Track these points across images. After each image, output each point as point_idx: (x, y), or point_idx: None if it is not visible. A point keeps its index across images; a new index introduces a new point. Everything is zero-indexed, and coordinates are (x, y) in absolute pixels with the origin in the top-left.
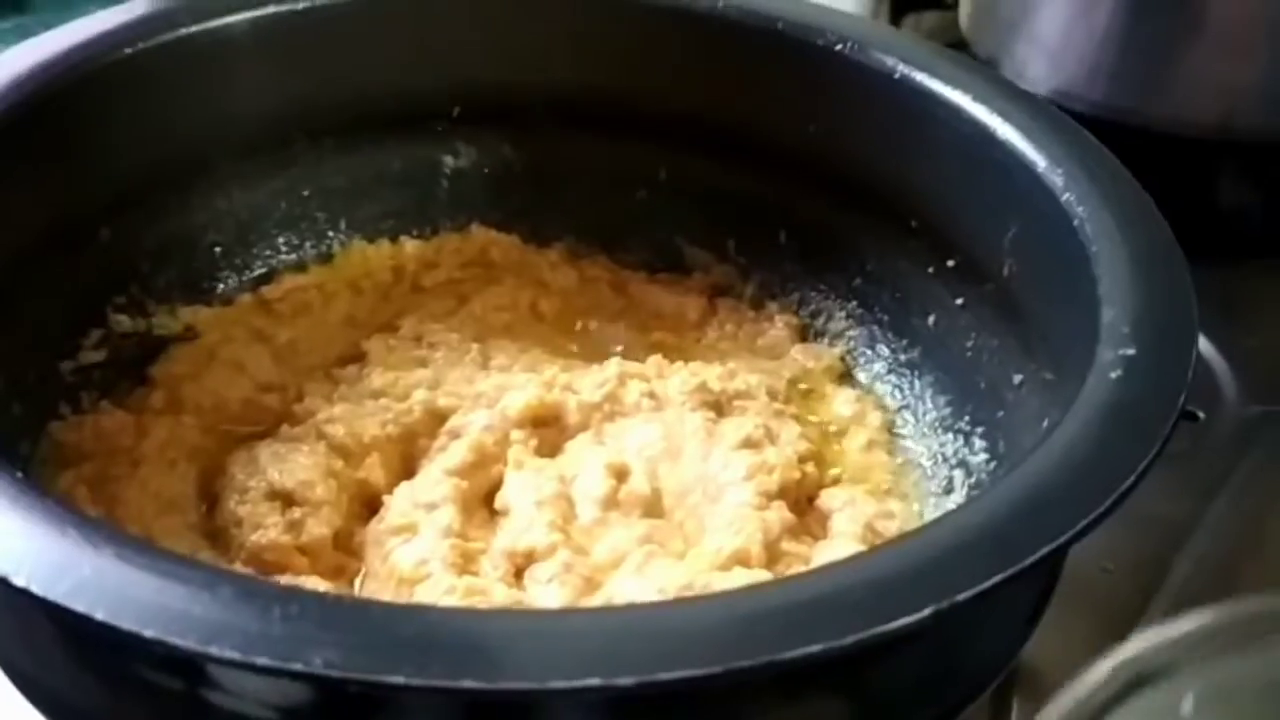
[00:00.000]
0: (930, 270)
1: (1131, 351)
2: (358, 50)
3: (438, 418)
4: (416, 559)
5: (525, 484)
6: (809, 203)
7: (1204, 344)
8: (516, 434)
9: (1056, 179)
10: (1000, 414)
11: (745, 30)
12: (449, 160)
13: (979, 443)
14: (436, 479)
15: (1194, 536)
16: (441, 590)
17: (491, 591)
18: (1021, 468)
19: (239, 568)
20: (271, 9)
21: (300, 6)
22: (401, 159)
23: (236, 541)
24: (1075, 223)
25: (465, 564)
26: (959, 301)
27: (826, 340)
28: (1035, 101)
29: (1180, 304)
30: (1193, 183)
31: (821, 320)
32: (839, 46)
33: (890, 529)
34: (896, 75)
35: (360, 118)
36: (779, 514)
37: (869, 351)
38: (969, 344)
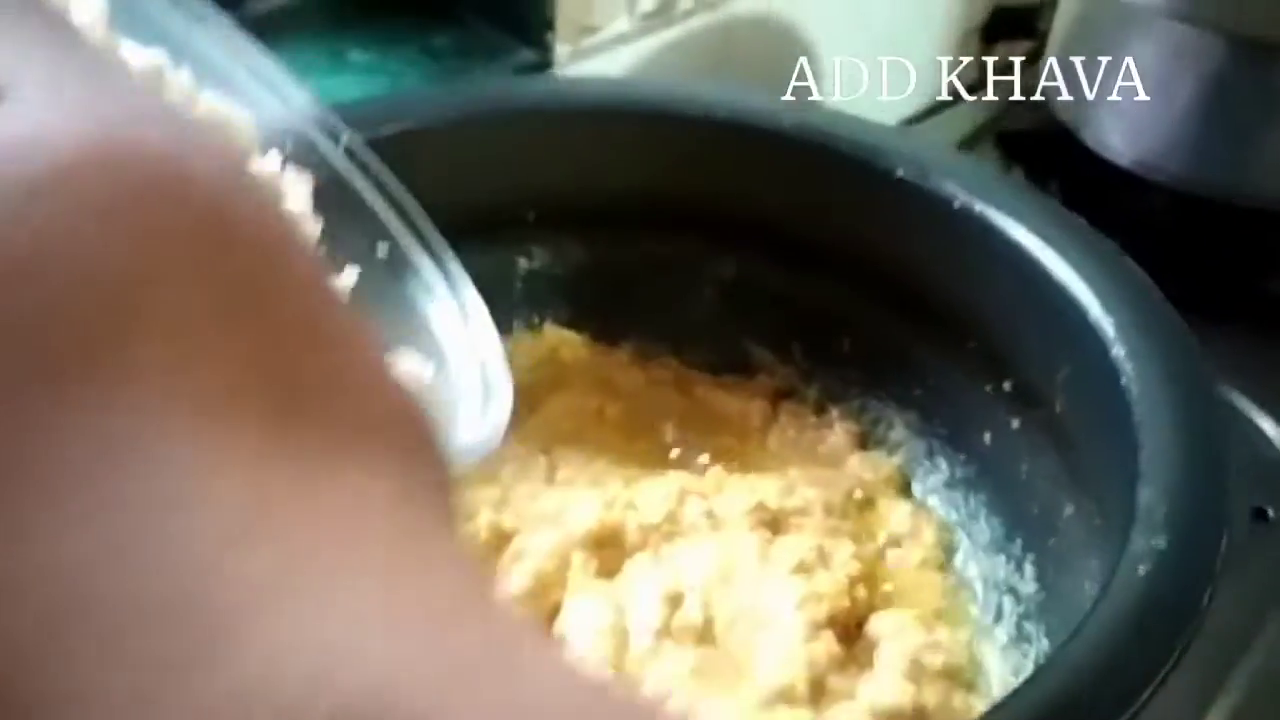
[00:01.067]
0: (988, 389)
1: (1162, 545)
2: (445, 166)
3: (503, 538)
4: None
5: (583, 614)
6: (872, 313)
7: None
8: (578, 556)
9: (1108, 328)
10: (1051, 541)
11: (810, 149)
12: (523, 262)
13: (1029, 569)
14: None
15: (1253, 649)
16: None
17: None
18: (1037, 679)
19: None
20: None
21: (393, 132)
22: (479, 261)
23: None
24: (1123, 381)
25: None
26: (1014, 424)
27: (885, 449)
28: (1092, 237)
29: (1215, 487)
30: (1272, 255)
31: (881, 428)
32: (900, 171)
33: (936, 663)
34: (956, 204)
35: (444, 226)
36: (826, 646)
37: (927, 463)
38: (1023, 467)
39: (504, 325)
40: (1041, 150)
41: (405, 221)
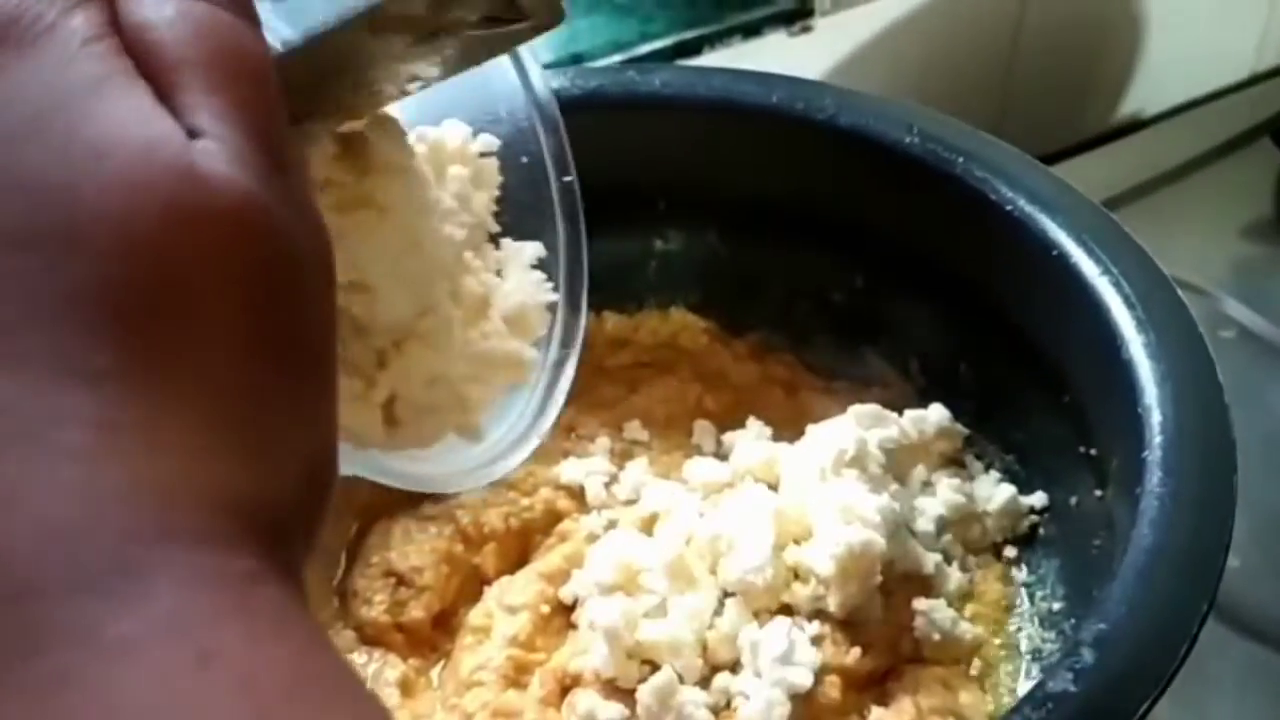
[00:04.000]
0: (1081, 450)
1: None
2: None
3: (555, 517)
4: (474, 665)
5: (597, 606)
6: (990, 347)
7: None
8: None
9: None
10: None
11: (930, 172)
12: (658, 243)
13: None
14: (528, 580)
15: None
16: (478, 704)
17: (524, 714)
18: None
19: (344, 634)
20: None
21: None
22: (615, 239)
23: (350, 610)
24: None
25: (518, 676)
26: (1099, 493)
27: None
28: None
29: None
30: None
31: (982, 462)
32: (1009, 207)
33: None
34: (1055, 252)
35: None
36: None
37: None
38: (1096, 542)
39: (635, 303)
40: None
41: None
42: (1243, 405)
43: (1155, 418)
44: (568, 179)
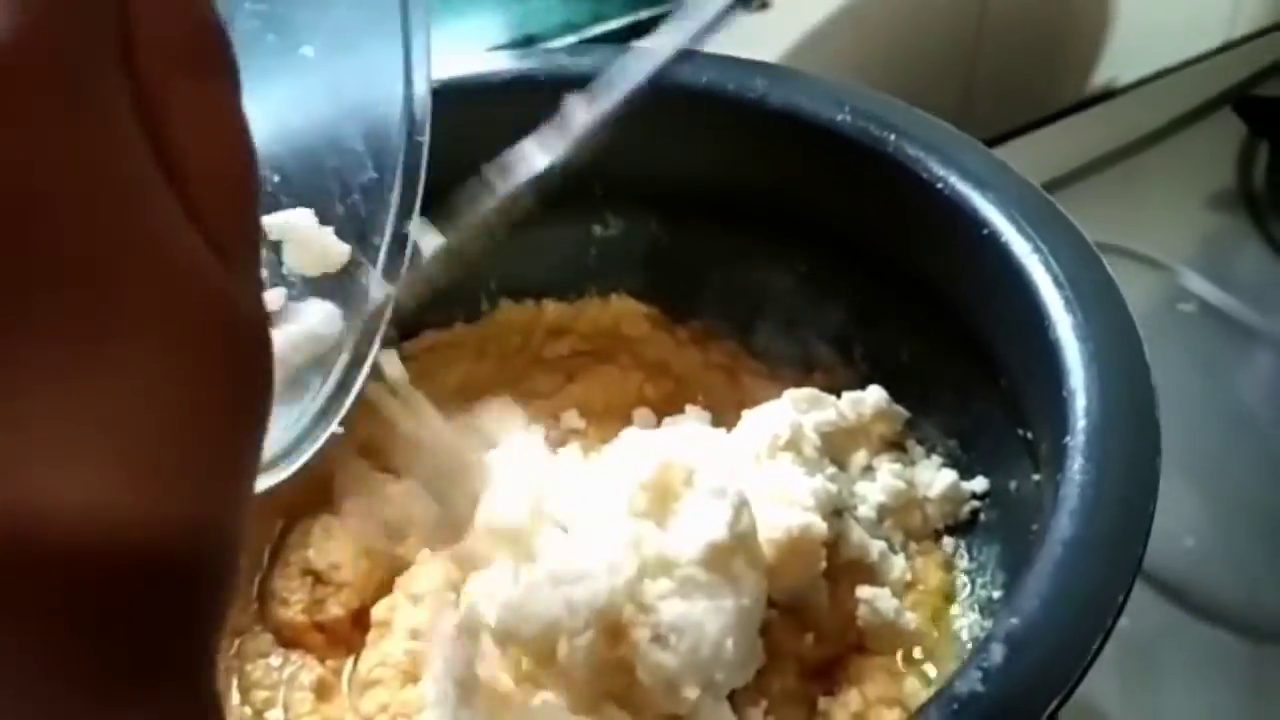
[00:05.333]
0: (1019, 433)
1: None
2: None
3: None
4: (374, 661)
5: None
6: (927, 327)
7: None
8: None
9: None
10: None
11: (864, 152)
12: (598, 229)
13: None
14: (435, 566)
15: None
16: (376, 705)
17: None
18: None
19: (262, 637)
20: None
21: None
22: (554, 225)
23: (269, 611)
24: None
25: (418, 670)
26: (1035, 478)
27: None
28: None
29: None
30: None
31: (925, 446)
32: (940, 185)
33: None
34: (985, 230)
35: None
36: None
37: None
38: (1034, 527)
39: (575, 291)
40: None
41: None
42: (1202, 380)
43: (1080, 402)
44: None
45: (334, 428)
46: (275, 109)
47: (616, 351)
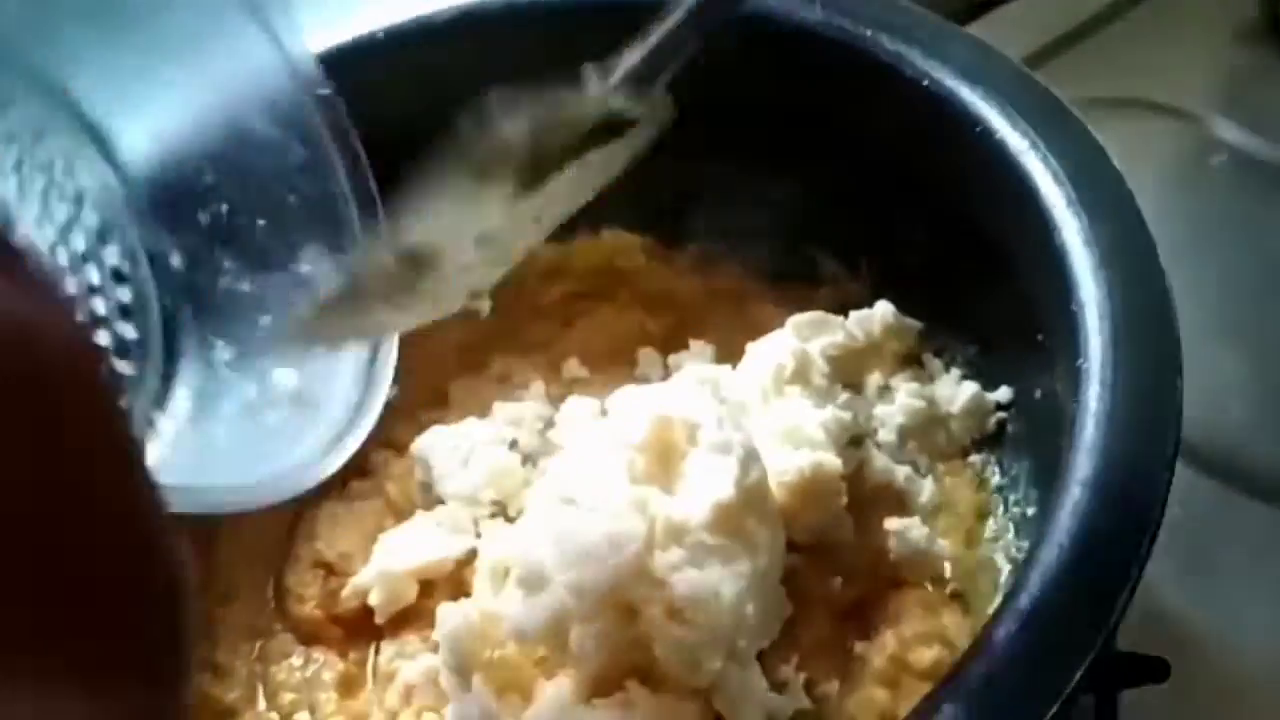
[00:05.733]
0: (1038, 338)
1: None
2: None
3: None
4: (393, 652)
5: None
6: (933, 232)
7: None
8: None
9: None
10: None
11: (842, 48)
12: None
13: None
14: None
15: None
16: (399, 698)
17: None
18: None
19: (281, 637)
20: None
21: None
22: None
23: (286, 609)
24: None
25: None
26: (1059, 387)
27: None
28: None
29: None
30: None
31: (944, 358)
32: (926, 81)
33: (925, 660)
34: (979, 128)
35: None
36: None
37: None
38: (1061, 440)
39: (563, 230)
40: None
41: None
42: (1239, 237)
43: (1090, 317)
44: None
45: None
46: (170, 131)
47: (614, 288)
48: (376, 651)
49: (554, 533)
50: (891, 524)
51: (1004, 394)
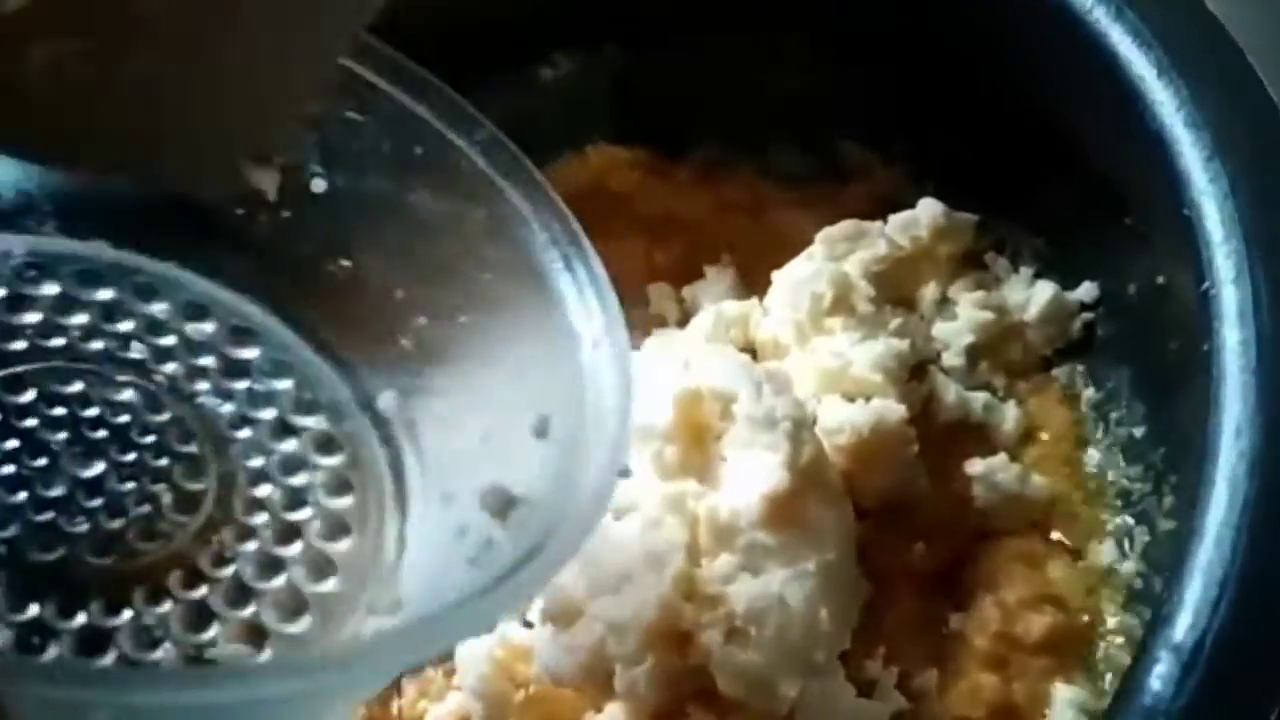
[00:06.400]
0: (1125, 222)
1: None
2: None
3: None
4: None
5: None
6: (988, 107)
7: None
8: None
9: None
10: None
11: None
12: (547, 72)
13: (1168, 499)
14: None
15: None
16: None
17: None
18: None
19: None
20: None
21: None
22: (492, 87)
23: None
24: None
25: None
26: (1160, 280)
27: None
28: None
29: None
30: None
31: (1006, 255)
32: None
33: (1035, 629)
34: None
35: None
36: None
37: None
38: (1173, 345)
39: (541, 154)
40: None
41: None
42: None
43: (1209, 225)
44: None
45: None
46: None
47: (608, 216)
48: (399, 694)
49: (581, 554)
50: (973, 467)
51: (1088, 291)
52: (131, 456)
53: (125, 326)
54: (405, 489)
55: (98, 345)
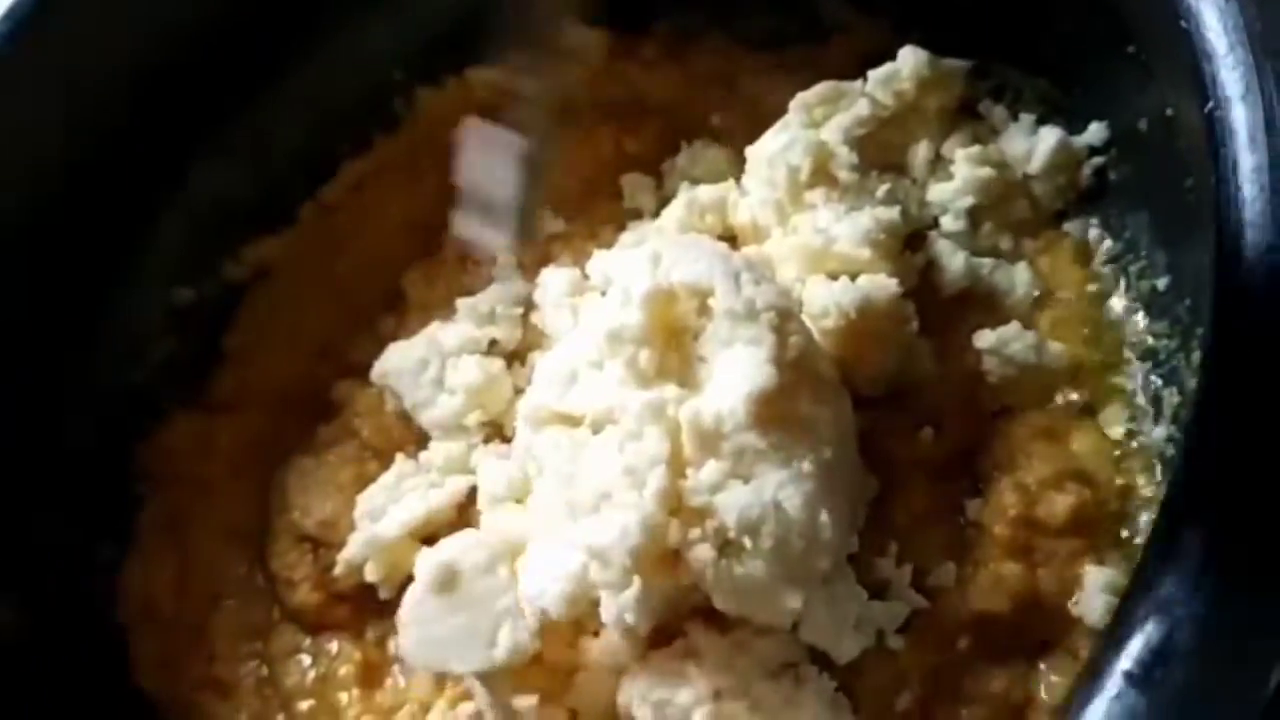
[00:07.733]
0: (1129, 50)
1: None
2: None
3: None
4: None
5: None
6: None
7: None
8: None
9: None
10: None
11: None
12: None
13: (1196, 354)
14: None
15: None
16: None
17: None
18: None
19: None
20: None
21: None
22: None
23: (281, 599)
24: None
25: None
26: (1169, 111)
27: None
28: None
29: None
30: None
31: (1004, 102)
32: None
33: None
34: None
35: None
36: None
37: None
38: (1189, 181)
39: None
40: None
41: None
42: None
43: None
44: None
45: None
46: None
47: (572, 105)
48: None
49: (558, 474)
50: (983, 338)
51: (1096, 133)
52: None
53: None
54: None
55: None
